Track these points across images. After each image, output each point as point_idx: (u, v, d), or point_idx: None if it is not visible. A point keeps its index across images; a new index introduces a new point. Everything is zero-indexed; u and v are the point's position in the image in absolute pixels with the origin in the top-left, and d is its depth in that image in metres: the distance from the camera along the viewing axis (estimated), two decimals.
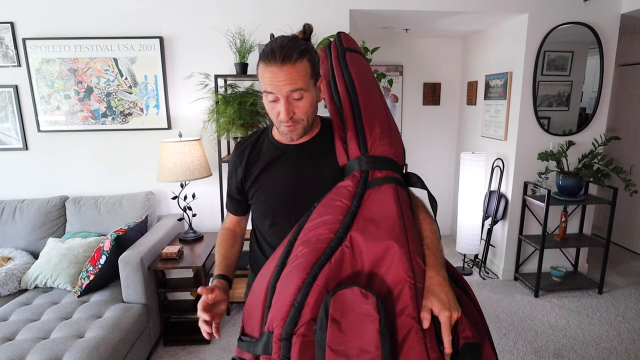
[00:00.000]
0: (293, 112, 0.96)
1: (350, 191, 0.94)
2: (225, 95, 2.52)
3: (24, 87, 2.67)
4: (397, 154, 1.02)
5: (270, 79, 0.92)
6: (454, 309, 0.77)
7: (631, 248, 3.84)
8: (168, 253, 2.29)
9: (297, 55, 0.92)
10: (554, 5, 2.82)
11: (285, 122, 0.97)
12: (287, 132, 1.00)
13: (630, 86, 3.75)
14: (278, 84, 0.92)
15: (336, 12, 2.72)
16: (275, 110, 0.97)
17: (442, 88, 3.97)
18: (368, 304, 0.73)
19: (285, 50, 0.91)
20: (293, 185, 1.06)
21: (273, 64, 0.91)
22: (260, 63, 0.94)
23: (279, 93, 0.93)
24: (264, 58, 0.92)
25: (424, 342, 0.73)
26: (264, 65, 0.93)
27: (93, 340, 1.75)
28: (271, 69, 0.92)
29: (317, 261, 0.82)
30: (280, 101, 0.94)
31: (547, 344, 2.39)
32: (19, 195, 2.76)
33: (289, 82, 0.92)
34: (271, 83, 0.92)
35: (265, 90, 0.95)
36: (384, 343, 0.70)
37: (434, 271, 0.84)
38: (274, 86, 0.92)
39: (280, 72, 0.91)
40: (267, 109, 0.99)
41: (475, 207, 3.29)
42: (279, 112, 0.96)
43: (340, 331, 0.72)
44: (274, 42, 0.94)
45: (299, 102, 0.96)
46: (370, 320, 0.72)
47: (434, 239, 0.93)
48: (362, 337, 0.71)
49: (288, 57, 0.91)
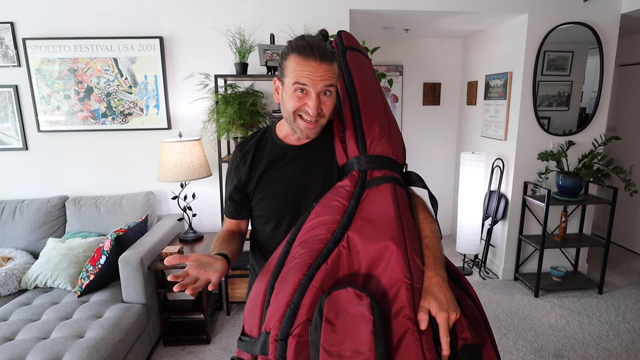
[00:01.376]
0: (321, 107, 0.96)
1: (348, 191, 0.94)
2: (225, 95, 2.53)
3: (24, 87, 2.67)
4: (397, 153, 1.02)
5: (308, 73, 0.93)
6: (452, 310, 0.76)
7: (631, 248, 3.83)
8: (168, 253, 2.29)
9: (332, 56, 0.95)
10: (554, 5, 2.82)
11: (311, 117, 0.96)
12: (306, 129, 0.99)
13: (630, 86, 3.75)
14: (315, 78, 0.93)
15: (336, 12, 2.72)
16: (300, 102, 0.96)
17: (442, 88, 3.97)
18: (362, 305, 0.73)
19: (323, 49, 0.93)
20: (297, 188, 1.05)
21: (312, 59, 0.92)
22: (293, 55, 0.94)
23: (314, 87, 0.94)
24: (301, 52, 0.93)
25: (420, 344, 0.72)
26: (300, 59, 0.93)
27: (93, 340, 1.75)
28: (310, 63, 0.92)
29: (314, 262, 0.82)
30: (311, 95, 0.94)
31: (547, 344, 2.39)
32: (19, 195, 2.76)
33: (325, 78, 0.94)
34: (309, 76, 0.93)
35: (299, 82, 0.94)
36: (378, 344, 0.70)
37: (433, 271, 0.83)
38: (310, 79, 0.93)
39: (320, 67, 0.93)
40: (287, 102, 0.98)
41: (475, 207, 3.29)
42: (307, 105, 0.95)
43: (335, 332, 0.72)
44: (308, 39, 0.95)
45: (327, 99, 0.96)
46: (364, 321, 0.71)
47: (433, 239, 0.92)
48: (356, 338, 0.71)
49: (326, 55, 0.93)
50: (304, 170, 1.06)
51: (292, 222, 1.03)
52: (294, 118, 0.98)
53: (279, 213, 1.07)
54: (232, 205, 1.13)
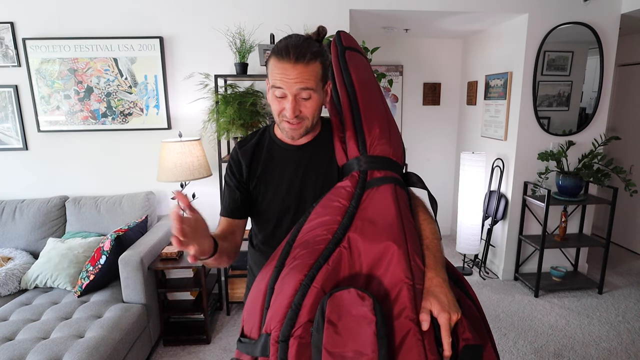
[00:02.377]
0: (299, 110, 0.96)
1: (348, 191, 0.94)
2: (225, 95, 2.52)
3: (24, 87, 2.67)
4: (397, 154, 1.01)
5: (281, 75, 0.92)
6: (454, 311, 0.76)
7: (631, 248, 3.83)
8: (168, 253, 2.29)
9: (311, 56, 0.92)
10: (554, 5, 2.82)
11: (290, 119, 0.96)
12: (289, 130, 0.99)
13: (630, 86, 3.75)
14: (289, 81, 0.92)
15: (336, 12, 2.72)
16: (280, 105, 0.96)
17: (442, 88, 3.97)
18: (365, 306, 0.72)
19: (300, 49, 0.91)
20: (297, 188, 1.05)
21: (286, 61, 0.91)
22: (272, 58, 0.94)
23: (288, 90, 0.93)
24: (277, 54, 0.93)
25: (423, 344, 0.72)
26: (276, 61, 0.93)
27: (93, 340, 1.75)
28: (283, 65, 0.92)
29: (315, 262, 0.82)
30: (288, 98, 0.94)
31: (547, 344, 2.39)
32: (19, 195, 2.76)
33: (299, 81, 0.92)
34: (281, 79, 0.92)
35: (274, 85, 0.94)
36: (380, 345, 0.70)
37: (434, 272, 0.83)
38: (283, 82, 0.92)
39: (293, 70, 0.91)
40: (272, 104, 0.99)
41: (475, 207, 3.29)
42: (285, 108, 0.95)
43: (337, 333, 0.71)
44: (289, 40, 0.94)
45: (306, 101, 0.96)
46: (366, 323, 0.71)
47: (434, 240, 0.92)
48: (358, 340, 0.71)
49: (302, 56, 0.91)
50: (304, 171, 1.05)
51: (291, 222, 1.02)
52: (279, 120, 0.99)
53: (278, 213, 1.06)
54: (230, 204, 1.10)
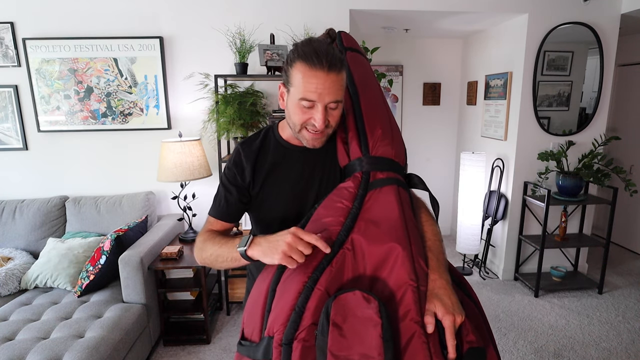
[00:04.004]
0: (327, 120, 0.92)
1: (351, 192, 0.93)
2: (225, 95, 2.52)
3: (24, 87, 2.67)
4: (399, 155, 1.01)
5: (315, 86, 0.87)
6: (458, 313, 0.76)
7: (631, 248, 3.83)
8: (168, 253, 2.29)
9: (340, 64, 0.89)
10: (554, 5, 2.82)
11: (319, 130, 0.93)
12: (312, 139, 0.96)
13: (630, 86, 3.75)
14: (322, 92, 0.88)
15: (336, 12, 2.71)
16: (306, 115, 0.92)
17: (442, 88, 3.97)
18: (370, 309, 0.72)
19: (331, 57, 0.87)
20: (302, 189, 1.04)
21: (319, 69, 0.86)
22: (300, 64, 0.88)
23: (320, 101, 0.89)
24: (308, 60, 0.87)
25: (428, 347, 0.72)
26: (307, 68, 0.87)
27: (93, 340, 1.75)
28: (317, 74, 0.86)
29: (318, 265, 0.81)
30: (318, 108, 0.90)
31: (547, 344, 2.39)
32: (19, 195, 2.76)
33: (333, 92, 0.89)
34: (315, 90, 0.87)
35: (305, 98, 0.89)
36: (386, 348, 0.69)
37: (437, 274, 0.83)
38: (317, 94, 0.88)
39: (327, 79, 0.87)
40: (293, 111, 0.94)
41: (475, 207, 3.29)
42: (313, 118, 0.92)
43: (342, 336, 0.71)
44: (315, 45, 0.88)
45: (333, 111, 0.93)
46: (372, 325, 0.71)
47: (436, 241, 0.92)
48: (364, 342, 0.70)
49: (334, 65, 0.87)
50: (309, 172, 1.04)
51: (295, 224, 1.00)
52: (299, 129, 0.96)
53: (282, 215, 1.05)
54: (227, 207, 1.06)
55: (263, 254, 0.84)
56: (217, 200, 1.08)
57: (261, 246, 0.85)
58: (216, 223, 1.07)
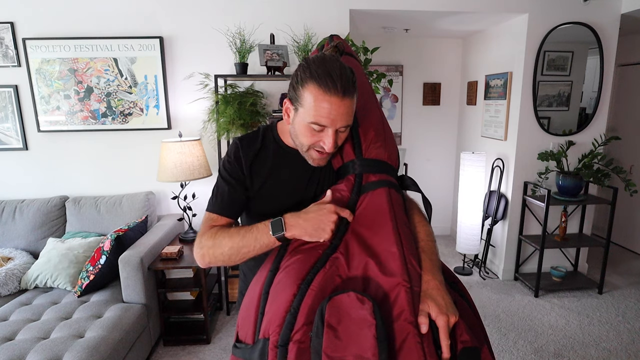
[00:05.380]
0: (337, 142, 0.92)
1: (344, 195, 0.94)
2: (225, 95, 2.53)
3: (24, 87, 2.67)
4: (392, 157, 1.01)
5: (328, 111, 0.85)
6: (452, 313, 0.76)
7: (631, 248, 3.83)
8: (168, 253, 2.29)
9: (354, 88, 0.87)
10: (554, 5, 2.82)
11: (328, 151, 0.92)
12: (319, 159, 0.96)
13: (630, 86, 3.75)
14: (335, 118, 0.86)
15: (336, 12, 2.72)
16: (315, 138, 0.91)
17: (442, 88, 3.97)
18: (364, 310, 0.72)
19: (345, 81, 0.84)
20: (300, 191, 1.04)
21: (334, 95, 0.84)
22: (312, 86, 0.85)
23: (332, 126, 0.87)
24: (321, 83, 0.84)
25: (422, 347, 0.72)
26: (320, 92, 0.84)
27: (93, 340, 1.75)
28: (331, 100, 0.84)
29: (312, 267, 0.82)
30: (328, 133, 0.89)
31: (547, 344, 2.39)
32: (19, 195, 2.76)
33: (345, 119, 0.87)
34: (328, 116, 0.86)
35: (317, 123, 0.87)
36: (381, 349, 0.69)
37: (430, 275, 0.83)
38: (329, 120, 0.86)
39: (341, 105, 0.85)
40: (301, 132, 0.92)
41: (475, 207, 3.29)
42: (322, 141, 0.91)
43: (337, 337, 0.71)
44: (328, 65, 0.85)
45: (342, 133, 0.92)
46: (366, 326, 0.71)
47: (429, 242, 0.92)
48: (359, 343, 0.70)
49: (348, 90, 0.85)
50: (307, 175, 1.04)
51: None
52: (307, 149, 0.94)
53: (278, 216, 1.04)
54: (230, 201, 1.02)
55: (308, 234, 0.86)
56: (218, 196, 1.02)
57: (302, 227, 0.87)
58: (218, 219, 1.01)
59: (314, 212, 0.87)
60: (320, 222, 0.85)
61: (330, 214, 0.85)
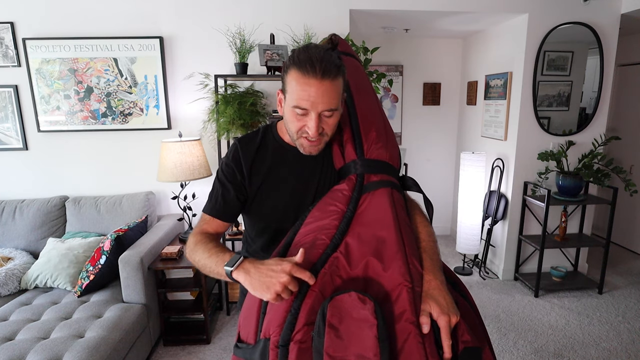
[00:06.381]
0: (322, 128, 0.92)
1: (345, 195, 0.94)
2: (225, 95, 2.52)
3: (24, 87, 2.67)
4: (393, 158, 1.01)
5: (307, 93, 0.86)
6: (453, 313, 0.77)
7: (631, 248, 3.83)
8: (168, 253, 2.29)
9: (336, 71, 0.87)
10: (554, 5, 2.82)
11: (312, 137, 0.93)
12: (308, 147, 0.96)
13: (630, 86, 3.75)
14: (315, 100, 0.87)
15: (336, 12, 2.72)
16: (300, 122, 0.92)
17: (442, 88, 3.97)
18: (366, 309, 0.72)
19: (325, 64, 0.85)
20: (300, 191, 1.03)
21: (312, 77, 0.85)
22: (293, 71, 0.87)
23: (313, 109, 0.88)
24: (301, 67, 0.86)
25: (424, 348, 0.72)
26: (299, 75, 0.86)
27: (93, 340, 1.75)
28: (309, 82, 0.86)
29: (312, 267, 0.81)
30: (311, 116, 0.90)
31: (547, 344, 2.39)
32: (19, 195, 2.76)
33: (326, 101, 0.87)
34: (308, 98, 0.87)
35: (298, 106, 0.88)
36: (382, 349, 0.69)
37: (432, 275, 0.83)
38: (309, 103, 0.87)
39: (320, 87, 0.86)
40: (289, 119, 0.94)
41: (475, 207, 3.29)
42: (306, 126, 0.91)
43: (338, 337, 0.71)
44: (310, 52, 0.87)
45: (328, 119, 0.92)
46: (368, 326, 0.71)
47: (430, 242, 0.93)
48: (360, 343, 0.70)
49: (328, 72, 0.85)
50: (307, 174, 1.04)
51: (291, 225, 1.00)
52: (297, 137, 0.96)
53: (280, 218, 1.04)
54: (224, 204, 1.03)
55: (252, 287, 0.80)
56: (213, 197, 1.04)
57: (251, 277, 0.81)
58: (212, 221, 1.04)
59: (267, 268, 0.79)
60: (266, 280, 0.77)
61: (281, 275, 0.76)
